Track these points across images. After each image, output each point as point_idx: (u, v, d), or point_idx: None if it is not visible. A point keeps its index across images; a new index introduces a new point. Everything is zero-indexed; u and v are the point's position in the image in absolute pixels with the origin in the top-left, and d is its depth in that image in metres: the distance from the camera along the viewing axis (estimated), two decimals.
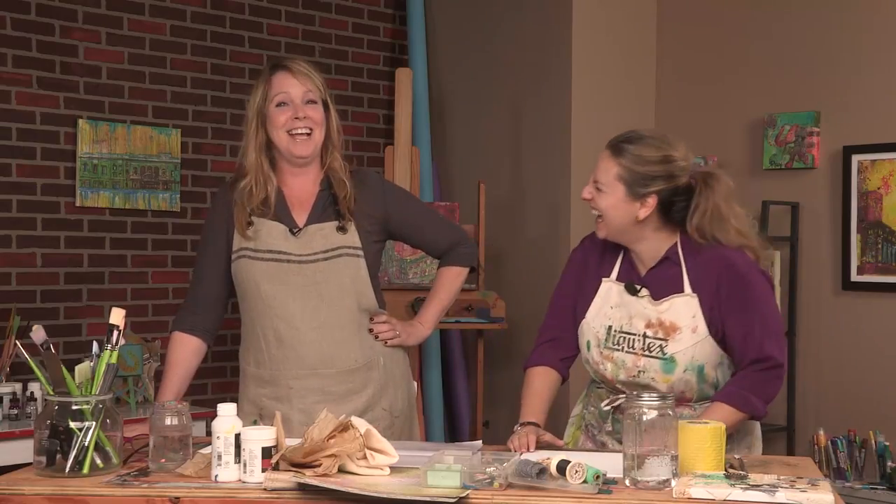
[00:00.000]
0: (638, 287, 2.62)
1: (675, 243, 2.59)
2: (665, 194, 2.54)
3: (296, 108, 2.76)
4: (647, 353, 2.58)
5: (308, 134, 2.77)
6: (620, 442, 2.59)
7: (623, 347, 2.61)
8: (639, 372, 2.59)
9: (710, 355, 2.56)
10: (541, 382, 2.72)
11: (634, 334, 2.60)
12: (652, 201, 2.54)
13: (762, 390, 2.53)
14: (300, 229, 2.79)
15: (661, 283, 2.59)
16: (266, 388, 2.82)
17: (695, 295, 2.55)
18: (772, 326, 2.56)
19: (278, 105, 2.77)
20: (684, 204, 2.56)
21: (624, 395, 2.61)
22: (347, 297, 2.79)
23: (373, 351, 2.84)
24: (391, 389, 2.87)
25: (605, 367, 2.64)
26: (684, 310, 2.56)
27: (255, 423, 2.78)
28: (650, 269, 2.62)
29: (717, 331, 2.55)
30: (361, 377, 2.81)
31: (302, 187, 2.84)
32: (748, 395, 2.51)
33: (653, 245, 2.60)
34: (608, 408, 2.66)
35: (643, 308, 2.60)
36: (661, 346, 2.56)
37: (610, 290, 2.66)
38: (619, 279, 2.66)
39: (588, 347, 2.67)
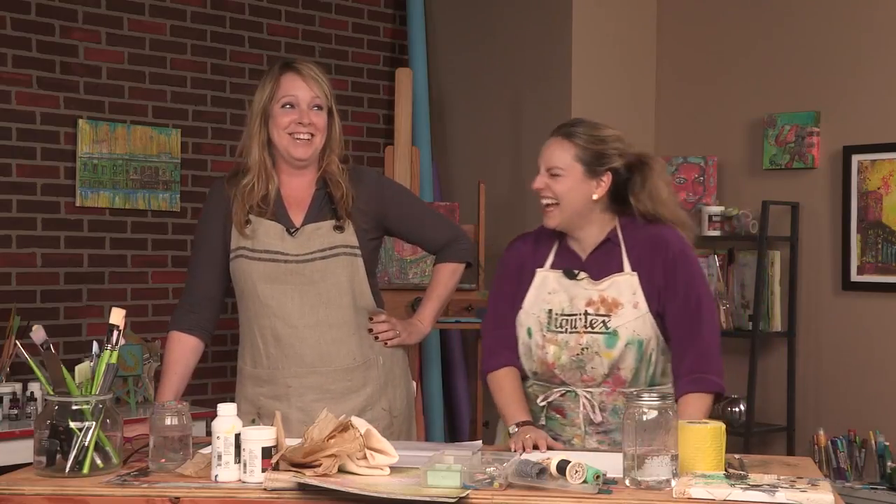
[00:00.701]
0: (576, 272, 2.68)
1: (615, 226, 2.69)
2: (616, 172, 2.65)
3: (301, 112, 2.76)
4: (589, 329, 2.62)
5: (309, 138, 2.77)
6: (554, 439, 2.63)
7: (566, 329, 2.65)
8: (582, 349, 2.62)
9: (650, 333, 2.62)
10: (511, 383, 2.74)
11: (576, 314, 2.65)
12: (607, 179, 2.65)
13: (712, 365, 2.60)
14: (297, 229, 2.80)
15: (601, 265, 2.67)
16: (264, 387, 2.82)
17: (634, 273, 2.64)
18: (706, 301, 2.65)
19: (284, 106, 2.77)
20: (625, 184, 2.67)
21: (558, 390, 2.65)
22: (345, 295, 2.79)
23: (372, 350, 2.84)
24: (390, 389, 2.86)
25: (547, 351, 2.66)
26: (625, 287, 2.63)
27: (253, 422, 2.78)
28: (591, 253, 2.69)
29: (657, 306, 2.62)
30: (360, 376, 2.81)
31: (299, 187, 2.85)
32: (704, 375, 2.58)
33: (595, 230, 2.69)
34: (543, 403, 2.68)
35: (583, 289, 2.66)
36: (603, 321, 2.62)
37: (546, 279, 2.71)
38: (553, 268, 2.71)
39: (529, 334, 2.69)
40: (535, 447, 2.48)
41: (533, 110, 5.16)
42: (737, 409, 4.62)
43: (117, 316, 2.31)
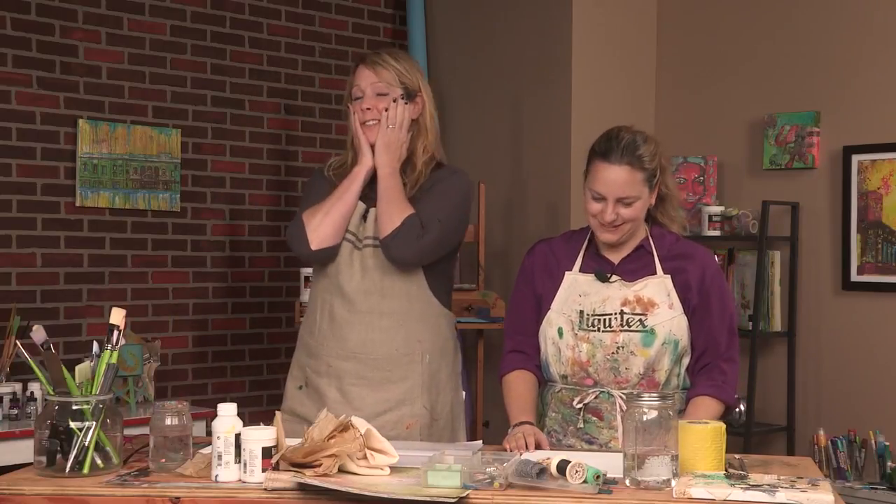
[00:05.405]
0: (608, 274, 2.68)
1: (647, 235, 2.71)
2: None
3: (365, 99, 2.81)
4: (625, 327, 2.62)
5: (376, 122, 2.80)
6: (589, 442, 2.62)
7: (599, 328, 2.64)
8: (618, 348, 2.62)
9: (684, 334, 2.64)
10: (521, 385, 2.74)
11: (610, 314, 2.64)
12: (656, 191, 2.67)
13: (730, 379, 2.64)
14: (368, 211, 2.83)
15: (633, 270, 2.68)
16: (312, 359, 2.86)
17: (667, 275, 2.65)
18: (734, 324, 2.71)
19: (355, 99, 2.84)
20: None
21: (593, 391, 2.65)
22: (398, 285, 2.80)
23: (419, 345, 2.83)
24: (434, 390, 2.85)
25: (581, 349, 2.65)
26: (659, 288, 2.65)
27: (300, 388, 2.86)
28: (623, 258, 2.69)
29: (689, 313, 2.65)
30: (401, 368, 2.81)
31: None
32: (722, 384, 2.62)
33: (637, 236, 2.70)
34: (580, 405, 2.66)
35: (617, 290, 2.66)
36: (640, 319, 2.62)
37: (575, 281, 2.70)
38: (582, 271, 2.71)
39: (560, 334, 2.67)
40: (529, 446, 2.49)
41: (533, 110, 5.16)
42: (737, 409, 4.61)
43: (117, 316, 2.31)
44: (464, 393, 3.00)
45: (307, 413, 2.80)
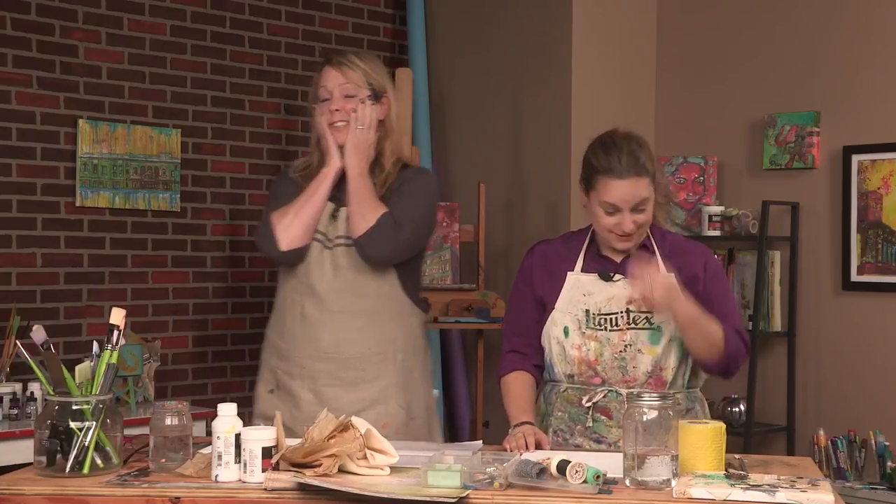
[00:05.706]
0: (611, 274, 2.68)
1: (648, 234, 2.71)
2: None
3: (333, 101, 2.81)
4: (633, 325, 2.63)
5: (344, 124, 2.81)
6: (597, 441, 2.62)
7: (606, 327, 2.65)
8: (626, 346, 2.63)
9: None
10: (520, 385, 2.74)
11: (616, 312, 2.65)
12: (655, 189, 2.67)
13: (740, 347, 2.66)
14: (338, 210, 2.83)
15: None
16: (283, 361, 2.86)
17: (671, 273, 2.64)
18: (737, 314, 2.73)
19: (322, 100, 2.83)
20: None
21: (601, 390, 2.65)
22: (370, 285, 2.81)
23: (392, 345, 2.84)
24: (409, 389, 2.87)
25: (589, 348, 2.65)
26: None
27: (271, 392, 2.84)
28: (626, 258, 2.70)
29: None
30: (374, 367, 2.82)
31: None
32: (734, 334, 2.63)
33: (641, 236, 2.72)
34: (589, 404, 2.66)
35: (621, 289, 2.66)
36: (647, 317, 2.63)
37: (578, 281, 2.71)
38: (585, 271, 2.71)
39: (566, 334, 2.68)
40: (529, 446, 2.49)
41: (533, 110, 5.16)
42: (737, 409, 4.62)
43: (117, 316, 2.31)
44: (436, 392, 3.01)
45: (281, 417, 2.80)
